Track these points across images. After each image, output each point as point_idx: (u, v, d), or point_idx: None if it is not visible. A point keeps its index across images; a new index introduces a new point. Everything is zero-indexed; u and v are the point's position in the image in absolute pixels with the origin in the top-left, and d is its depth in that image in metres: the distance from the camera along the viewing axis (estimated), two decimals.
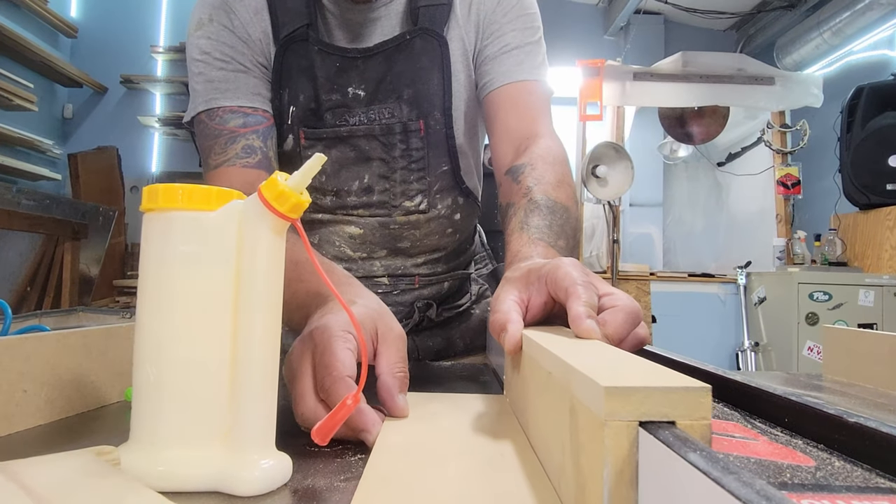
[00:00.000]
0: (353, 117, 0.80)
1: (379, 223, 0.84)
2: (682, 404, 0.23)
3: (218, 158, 0.75)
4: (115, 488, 0.30)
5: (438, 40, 0.78)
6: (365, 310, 0.50)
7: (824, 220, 3.67)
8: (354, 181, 0.82)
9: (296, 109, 0.79)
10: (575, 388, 0.27)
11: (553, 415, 0.32)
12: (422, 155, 0.81)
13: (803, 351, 3.10)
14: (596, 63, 3.51)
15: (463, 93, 0.83)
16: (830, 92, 3.55)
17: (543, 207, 0.67)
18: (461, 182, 0.85)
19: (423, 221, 0.85)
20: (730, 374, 0.38)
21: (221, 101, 0.76)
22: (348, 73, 0.79)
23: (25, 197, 2.74)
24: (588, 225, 3.84)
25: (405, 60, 0.79)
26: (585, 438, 0.25)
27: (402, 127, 0.80)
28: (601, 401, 0.23)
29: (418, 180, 0.82)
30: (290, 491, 0.36)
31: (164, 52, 4.31)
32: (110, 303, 3.57)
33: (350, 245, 0.85)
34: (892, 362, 0.77)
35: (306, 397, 0.44)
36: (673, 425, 0.23)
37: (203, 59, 0.77)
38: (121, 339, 0.57)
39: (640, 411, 0.23)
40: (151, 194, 0.37)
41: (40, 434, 0.46)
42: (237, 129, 0.75)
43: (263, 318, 0.37)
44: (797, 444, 0.28)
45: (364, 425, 0.42)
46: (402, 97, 0.79)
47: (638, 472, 0.23)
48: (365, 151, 0.80)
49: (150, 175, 4.42)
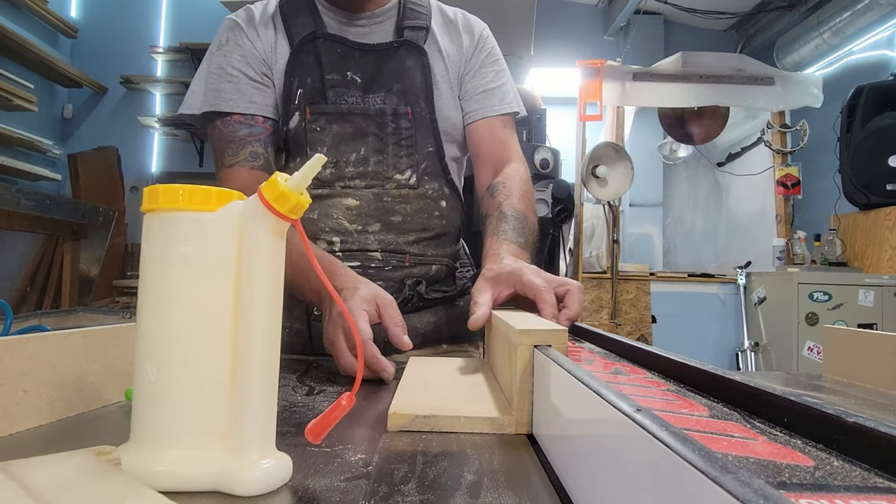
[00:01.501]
0: (351, 98, 0.95)
1: (373, 195, 0.95)
2: (553, 338, 0.48)
3: (231, 160, 0.92)
4: (115, 488, 0.30)
5: (419, 50, 0.98)
6: (367, 289, 0.75)
7: (824, 220, 3.67)
8: (352, 153, 0.95)
9: (303, 91, 0.93)
10: (510, 334, 0.51)
11: (503, 351, 0.57)
12: (410, 133, 0.96)
13: (803, 351, 3.10)
14: (596, 63, 3.52)
15: (444, 89, 1.00)
16: (830, 92, 3.55)
17: (510, 217, 0.90)
18: (447, 171, 1.00)
19: (413, 197, 0.97)
20: (729, 375, 0.38)
21: (226, 108, 0.93)
22: (347, 60, 0.95)
23: (25, 197, 2.74)
24: (588, 225, 3.84)
25: (393, 62, 0.96)
26: (513, 356, 0.49)
27: (393, 111, 0.95)
28: (517, 336, 0.48)
29: (408, 156, 0.96)
30: (290, 491, 0.36)
31: (163, 53, 4.32)
32: (110, 303, 3.57)
33: (347, 217, 0.95)
34: (891, 362, 0.77)
35: (345, 354, 0.69)
36: (549, 347, 0.47)
37: (217, 73, 0.94)
38: (121, 340, 0.57)
39: (533, 341, 0.48)
40: (152, 195, 0.37)
41: (41, 434, 0.46)
42: (245, 137, 0.93)
43: (264, 319, 0.37)
44: (796, 444, 0.28)
45: (382, 367, 0.67)
46: (391, 90, 0.95)
47: (533, 369, 0.48)
48: (362, 128, 0.95)
49: (149, 175, 4.43)
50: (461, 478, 0.38)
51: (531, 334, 0.48)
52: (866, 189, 3.19)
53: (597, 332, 0.68)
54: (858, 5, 3.38)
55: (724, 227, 4.79)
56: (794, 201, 3.77)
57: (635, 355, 0.55)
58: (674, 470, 0.21)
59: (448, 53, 1.01)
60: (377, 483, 0.37)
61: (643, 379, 0.47)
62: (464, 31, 1.04)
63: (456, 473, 0.39)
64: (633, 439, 0.25)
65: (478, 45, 1.04)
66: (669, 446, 0.22)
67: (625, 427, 0.26)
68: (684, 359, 0.46)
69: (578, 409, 0.35)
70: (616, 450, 0.28)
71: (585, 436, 0.33)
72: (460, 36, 1.04)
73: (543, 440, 0.45)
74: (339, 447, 0.44)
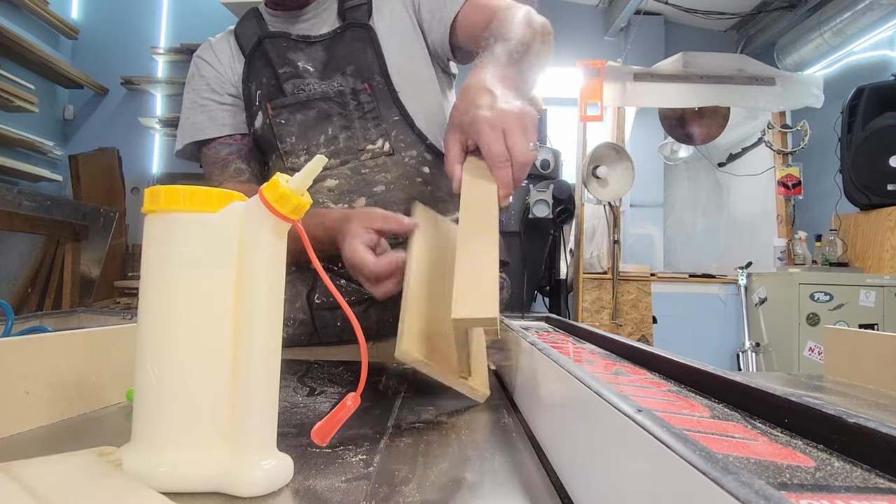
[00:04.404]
0: (307, 86, 0.96)
1: (350, 170, 0.96)
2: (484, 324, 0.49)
3: (219, 178, 0.98)
4: (116, 489, 0.30)
5: (366, 28, 0.96)
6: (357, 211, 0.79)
7: (825, 220, 3.66)
8: (321, 135, 0.96)
9: (261, 91, 0.96)
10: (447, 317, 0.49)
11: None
12: (372, 106, 0.95)
13: (804, 351, 3.10)
14: (596, 64, 3.51)
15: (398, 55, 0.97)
16: (831, 92, 3.54)
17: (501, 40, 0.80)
18: (423, 137, 0.97)
19: (392, 164, 0.96)
20: (730, 375, 0.38)
21: (203, 136, 0.99)
22: (296, 53, 0.96)
23: (26, 198, 2.74)
24: (589, 226, 3.83)
25: (341, 47, 0.96)
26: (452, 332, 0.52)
27: (352, 90, 0.95)
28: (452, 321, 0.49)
29: (375, 127, 0.96)
30: (291, 492, 0.36)
31: (164, 54, 4.32)
32: (111, 304, 3.57)
33: (331, 198, 0.96)
34: (893, 363, 0.77)
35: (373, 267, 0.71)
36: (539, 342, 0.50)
37: (191, 107, 1.01)
38: (122, 341, 0.57)
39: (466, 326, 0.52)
40: (153, 196, 0.37)
41: (43, 435, 0.46)
42: (227, 156, 0.99)
43: (265, 320, 0.37)
44: (797, 445, 0.28)
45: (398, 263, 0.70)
46: (345, 73, 0.96)
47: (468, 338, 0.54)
48: (324, 110, 0.96)
49: (150, 176, 4.42)
50: (462, 479, 0.38)
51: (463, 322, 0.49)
52: (867, 189, 3.19)
53: (598, 332, 0.68)
54: (859, 5, 3.38)
55: (725, 228, 4.78)
56: (795, 201, 3.76)
57: (636, 356, 0.55)
58: (675, 471, 0.21)
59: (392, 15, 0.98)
60: (378, 484, 0.37)
61: (644, 379, 0.46)
62: None
63: (457, 474, 0.39)
64: (634, 440, 0.25)
65: None
66: (670, 447, 0.22)
67: (626, 428, 0.26)
68: (685, 359, 0.46)
69: (579, 410, 0.35)
70: (617, 450, 0.28)
71: (587, 437, 0.34)
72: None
73: (544, 441, 0.45)
74: (339, 448, 0.44)
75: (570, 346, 0.65)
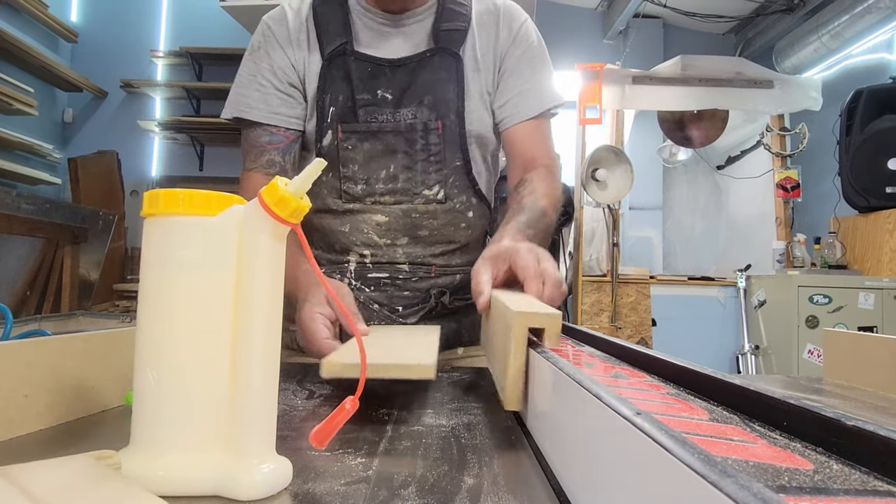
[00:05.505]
0: (381, 115, 0.95)
1: (402, 211, 0.97)
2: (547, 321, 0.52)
3: (251, 164, 0.97)
4: (115, 492, 0.30)
5: (455, 58, 0.96)
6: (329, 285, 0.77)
7: (824, 223, 3.67)
8: (382, 170, 0.97)
9: (335, 109, 0.95)
10: (507, 315, 0.54)
11: (501, 329, 0.58)
12: (439, 149, 0.96)
13: (804, 354, 3.10)
14: (595, 67, 3.52)
15: (475, 96, 0.99)
16: (829, 95, 3.55)
17: (527, 209, 0.90)
18: (474, 182, 1.00)
19: (441, 212, 0.98)
20: (729, 378, 0.38)
21: (251, 116, 0.96)
22: (378, 79, 0.95)
23: (25, 201, 2.74)
24: (588, 229, 3.83)
25: (426, 73, 0.95)
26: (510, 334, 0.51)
27: (423, 126, 0.95)
28: (513, 317, 0.51)
29: (436, 171, 0.97)
30: (290, 495, 0.36)
31: (163, 57, 4.32)
32: (110, 307, 3.57)
33: (376, 231, 0.98)
34: (892, 365, 0.77)
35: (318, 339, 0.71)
36: (547, 351, 0.48)
37: (247, 78, 0.98)
38: (121, 344, 0.57)
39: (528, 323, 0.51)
40: (152, 199, 0.37)
41: (41, 438, 0.46)
42: (265, 144, 0.96)
43: (264, 323, 0.37)
44: (796, 448, 0.28)
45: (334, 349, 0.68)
46: (423, 102, 0.95)
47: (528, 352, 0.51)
48: (391, 145, 0.96)
49: (149, 179, 4.42)
50: (461, 482, 0.38)
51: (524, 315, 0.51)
52: (866, 192, 3.19)
53: (597, 335, 0.68)
54: (857, 8, 3.39)
55: (724, 231, 4.79)
56: (794, 204, 3.77)
57: (635, 359, 0.55)
58: (674, 473, 0.21)
59: (482, 54, 0.99)
60: (377, 487, 0.37)
61: (643, 382, 0.46)
62: (503, 23, 1.01)
63: (456, 477, 0.39)
64: (632, 443, 0.25)
65: (515, 41, 1.01)
66: (669, 450, 0.22)
67: (625, 431, 0.26)
68: (684, 362, 0.46)
69: (578, 413, 0.35)
70: (616, 453, 0.28)
71: (586, 440, 0.34)
72: (498, 28, 1.01)
73: (543, 444, 0.45)
74: (339, 451, 0.43)
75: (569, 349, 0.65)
